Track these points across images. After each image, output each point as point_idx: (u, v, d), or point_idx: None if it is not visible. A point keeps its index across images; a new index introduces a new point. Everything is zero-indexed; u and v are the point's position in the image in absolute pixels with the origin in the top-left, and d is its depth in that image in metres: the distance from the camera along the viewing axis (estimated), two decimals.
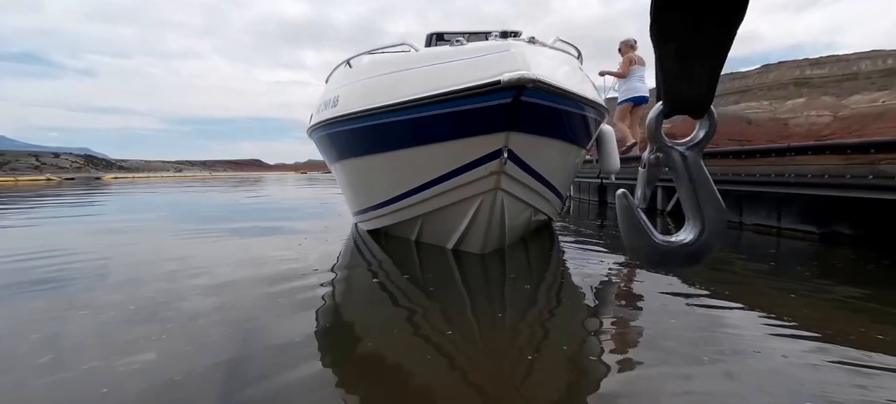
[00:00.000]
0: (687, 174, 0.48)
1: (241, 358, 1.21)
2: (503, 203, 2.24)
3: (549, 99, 1.94)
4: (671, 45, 0.42)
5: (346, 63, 2.81)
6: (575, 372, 1.21)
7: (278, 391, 1.04)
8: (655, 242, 0.50)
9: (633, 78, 5.16)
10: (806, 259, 2.57)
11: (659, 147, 0.49)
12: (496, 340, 1.39)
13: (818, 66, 27.43)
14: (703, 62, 0.42)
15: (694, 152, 0.48)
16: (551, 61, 2.10)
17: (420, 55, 2.28)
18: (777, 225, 3.28)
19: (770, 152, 3.31)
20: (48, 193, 9.67)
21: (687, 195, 0.49)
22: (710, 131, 0.48)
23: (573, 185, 6.59)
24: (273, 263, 2.41)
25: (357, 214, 3.40)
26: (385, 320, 1.57)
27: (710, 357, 1.23)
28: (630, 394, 1.07)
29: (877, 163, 2.46)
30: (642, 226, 0.50)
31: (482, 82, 1.83)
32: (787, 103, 25.16)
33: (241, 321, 1.50)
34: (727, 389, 1.07)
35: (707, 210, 0.48)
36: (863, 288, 1.91)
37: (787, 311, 1.59)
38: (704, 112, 0.47)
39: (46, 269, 2.23)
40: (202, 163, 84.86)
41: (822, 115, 21.66)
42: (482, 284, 2.03)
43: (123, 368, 1.16)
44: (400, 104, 2.11)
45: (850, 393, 1.03)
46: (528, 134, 2.03)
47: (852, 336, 1.35)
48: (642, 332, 1.49)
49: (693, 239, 0.49)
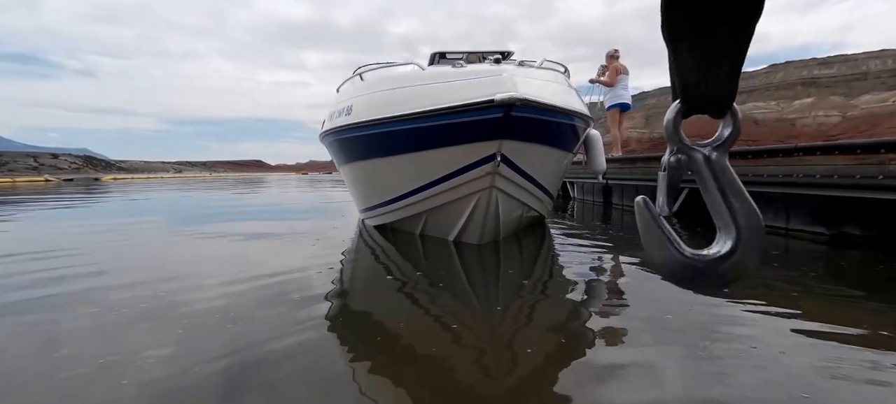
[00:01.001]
0: (713, 177, 0.44)
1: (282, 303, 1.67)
2: (497, 199, 2.59)
3: (535, 112, 2.29)
4: (684, 43, 0.39)
5: (358, 75, 3.15)
6: (560, 340, 1.40)
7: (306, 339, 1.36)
8: (684, 257, 0.44)
9: (618, 86, 5.65)
10: (813, 259, 2.53)
11: (679, 148, 0.45)
12: (491, 309, 1.71)
13: (826, 66, 27.10)
14: (720, 59, 0.39)
15: (719, 153, 0.44)
16: (538, 80, 2.48)
17: (426, 73, 2.66)
18: (785, 226, 3.24)
19: (777, 152, 3.26)
20: (47, 196, 9.73)
21: (714, 201, 0.44)
22: (735, 130, 0.44)
23: (577, 187, 6.70)
24: (296, 252, 2.79)
25: (366, 211, 3.65)
26: (397, 291, 1.94)
27: (706, 347, 1.23)
28: (609, 360, 1.21)
29: (887, 163, 2.41)
30: (667, 239, 0.45)
31: (480, 100, 2.20)
32: (794, 103, 24.87)
33: (272, 295, 1.83)
34: (711, 370, 1.10)
35: (740, 217, 0.43)
36: (867, 289, 1.89)
37: (788, 308, 1.58)
38: (726, 111, 0.43)
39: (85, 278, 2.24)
40: (202, 164, 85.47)
41: (830, 115, 21.40)
42: (479, 269, 2.36)
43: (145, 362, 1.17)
44: (410, 115, 2.46)
45: (845, 387, 1.02)
46: (519, 141, 2.37)
47: (851, 331, 1.34)
48: (629, 313, 1.64)
49: (729, 251, 0.43)
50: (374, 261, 2.54)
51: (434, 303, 1.75)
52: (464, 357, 1.25)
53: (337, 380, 1.11)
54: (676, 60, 0.40)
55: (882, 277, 2.10)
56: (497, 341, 1.38)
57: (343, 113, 3.02)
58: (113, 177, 28.34)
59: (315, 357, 1.23)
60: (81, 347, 1.31)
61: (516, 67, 2.44)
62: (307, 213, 5.40)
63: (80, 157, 40.75)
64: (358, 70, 3.23)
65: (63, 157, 36.01)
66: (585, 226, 4.13)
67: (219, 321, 1.49)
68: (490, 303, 1.77)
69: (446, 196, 2.67)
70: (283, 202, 7.36)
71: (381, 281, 2.14)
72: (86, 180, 22.75)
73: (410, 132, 2.52)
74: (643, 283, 2.01)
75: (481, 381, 1.11)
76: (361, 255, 2.71)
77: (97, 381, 1.10)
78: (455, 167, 2.50)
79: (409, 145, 2.58)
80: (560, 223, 4.30)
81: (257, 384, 1.07)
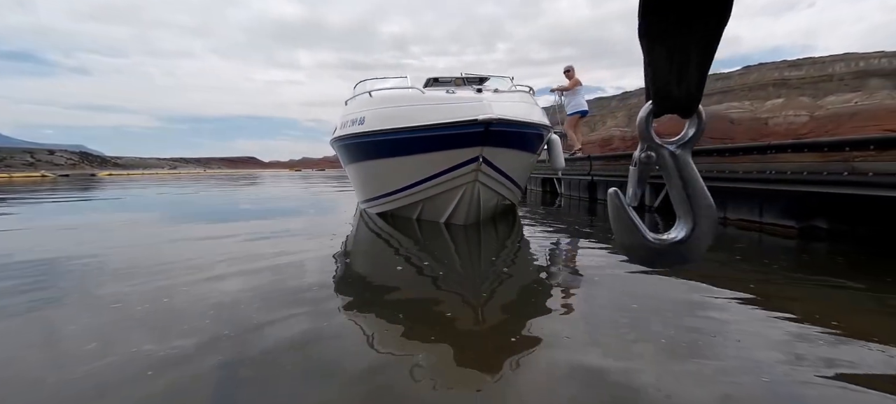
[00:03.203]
0: (677, 172, 0.48)
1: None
2: (479, 190, 3.39)
3: (506, 126, 3.11)
4: (658, 47, 0.42)
5: (367, 93, 3.90)
6: (525, 296, 1.90)
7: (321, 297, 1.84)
8: (647, 241, 0.50)
9: (577, 95, 6.75)
10: (779, 251, 2.70)
11: (649, 145, 0.49)
12: (473, 272, 2.34)
13: (796, 68, 28.27)
14: (691, 63, 0.43)
15: (684, 150, 0.49)
16: (509, 101, 3.36)
17: (426, 96, 3.46)
18: (759, 220, 3.42)
19: (752, 150, 3.45)
20: (43, 194, 9.32)
21: (677, 193, 0.49)
22: (699, 130, 0.48)
23: (564, 183, 6.93)
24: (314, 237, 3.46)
25: (371, 201, 4.37)
26: (404, 260, 2.60)
27: (672, 330, 1.33)
28: (558, 302, 1.76)
29: (851, 161, 2.60)
30: (634, 225, 0.50)
31: (467, 119, 3.01)
32: (766, 103, 25.85)
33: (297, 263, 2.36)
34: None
35: (697, 207, 0.48)
36: (824, 275, 2.10)
37: (750, 293, 1.74)
38: (693, 112, 0.47)
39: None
40: (197, 161, 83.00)
41: (799, 115, 22.35)
42: (464, 242, 3.09)
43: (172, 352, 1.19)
44: (417, 127, 3.24)
45: (803, 367, 1.13)
46: (495, 147, 3.17)
47: (804, 313, 1.50)
48: (576, 270, 2.34)
49: (685, 236, 0.49)
50: (383, 240, 3.29)
51: (430, 265, 2.38)
52: (454, 300, 1.83)
53: (371, 304, 1.76)
54: (650, 63, 0.44)
55: (843, 266, 2.29)
56: (476, 290, 1.96)
57: (356, 123, 3.79)
58: (108, 173, 27.64)
59: (351, 288, 2.06)
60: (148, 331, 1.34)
61: (493, 93, 3.34)
62: (323, 210, 5.38)
63: (77, 153, 39.40)
64: (358, 84, 4.38)
65: (59, 153, 34.74)
66: (555, 215, 4.26)
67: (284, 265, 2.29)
68: (473, 267, 2.42)
69: (440, 187, 3.45)
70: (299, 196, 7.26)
71: (387, 252, 2.89)
72: (82, 176, 21.94)
73: (416, 140, 3.28)
74: (592, 256, 2.58)
75: (465, 313, 1.66)
76: (370, 235, 3.52)
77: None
78: (448, 165, 3.28)
79: (414, 149, 3.33)
80: (544, 216, 4.42)
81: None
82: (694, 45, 0.42)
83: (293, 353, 1.24)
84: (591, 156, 6.19)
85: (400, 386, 1.08)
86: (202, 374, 1.12)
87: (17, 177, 19.30)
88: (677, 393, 1.02)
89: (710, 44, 0.42)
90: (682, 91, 0.45)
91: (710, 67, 0.44)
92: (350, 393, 1.04)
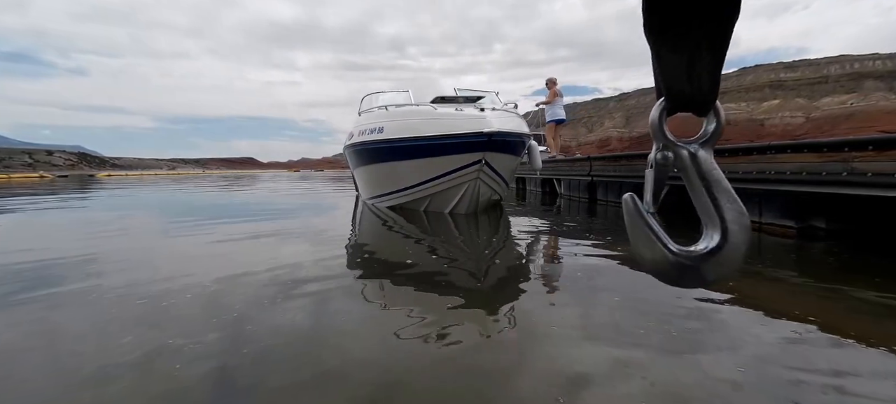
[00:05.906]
0: (698, 174, 0.43)
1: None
2: (479, 186, 4.27)
3: (502, 136, 4.00)
4: (666, 42, 0.40)
5: (384, 107, 4.84)
6: (519, 274, 2.29)
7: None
8: (671, 254, 0.43)
9: (556, 105, 7.63)
10: (778, 251, 2.72)
11: (665, 144, 0.44)
12: (474, 249, 2.90)
13: (791, 70, 28.49)
14: (702, 58, 0.39)
15: (704, 150, 0.44)
16: (502, 116, 4.21)
17: (438, 112, 4.30)
18: (758, 220, 3.45)
19: (752, 150, 3.46)
20: (40, 195, 9.23)
21: (700, 198, 0.43)
22: (718, 127, 0.44)
23: (563, 183, 6.95)
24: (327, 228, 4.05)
25: (380, 196, 5.20)
26: (414, 242, 3.17)
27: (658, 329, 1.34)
28: (544, 273, 2.30)
29: (850, 161, 2.62)
30: (654, 236, 0.44)
31: (474, 131, 3.94)
32: (762, 105, 26.00)
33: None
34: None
35: (726, 212, 0.42)
36: (823, 275, 2.13)
37: (749, 293, 1.75)
38: (708, 109, 0.43)
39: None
40: (195, 162, 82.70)
41: (795, 116, 22.57)
42: (466, 228, 3.76)
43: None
44: (433, 136, 4.09)
45: (802, 368, 1.14)
46: (494, 152, 4.06)
47: (802, 313, 1.50)
48: (558, 248, 2.92)
49: (715, 247, 0.42)
50: (397, 229, 3.84)
51: (438, 245, 3.00)
52: (460, 271, 2.26)
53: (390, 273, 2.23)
54: (659, 60, 0.40)
55: (833, 267, 2.31)
56: (479, 261, 2.46)
57: (375, 131, 4.62)
58: (107, 173, 27.57)
59: (376, 264, 2.53)
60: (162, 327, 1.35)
61: (491, 111, 4.18)
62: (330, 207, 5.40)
63: (75, 154, 39.20)
64: (365, 98, 5.59)
65: (58, 154, 34.61)
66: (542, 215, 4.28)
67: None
68: (474, 246, 2.97)
69: (448, 183, 4.30)
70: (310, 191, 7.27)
71: (400, 236, 3.47)
72: (81, 177, 21.79)
73: (433, 146, 4.11)
74: (592, 256, 2.43)
75: (470, 283, 2.06)
76: (386, 225, 4.07)
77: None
78: (456, 166, 4.14)
79: (430, 153, 4.16)
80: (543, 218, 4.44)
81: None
82: (702, 41, 0.39)
83: (329, 306, 1.66)
84: (591, 157, 6.21)
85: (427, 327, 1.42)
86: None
87: (15, 178, 19.18)
88: (671, 392, 1.03)
89: (720, 38, 0.39)
90: (695, 88, 0.41)
91: (724, 63, 0.41)
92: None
